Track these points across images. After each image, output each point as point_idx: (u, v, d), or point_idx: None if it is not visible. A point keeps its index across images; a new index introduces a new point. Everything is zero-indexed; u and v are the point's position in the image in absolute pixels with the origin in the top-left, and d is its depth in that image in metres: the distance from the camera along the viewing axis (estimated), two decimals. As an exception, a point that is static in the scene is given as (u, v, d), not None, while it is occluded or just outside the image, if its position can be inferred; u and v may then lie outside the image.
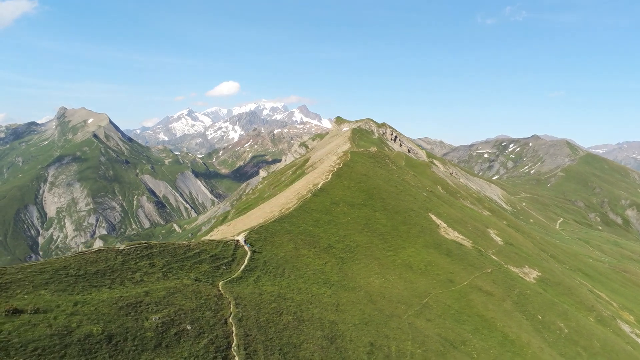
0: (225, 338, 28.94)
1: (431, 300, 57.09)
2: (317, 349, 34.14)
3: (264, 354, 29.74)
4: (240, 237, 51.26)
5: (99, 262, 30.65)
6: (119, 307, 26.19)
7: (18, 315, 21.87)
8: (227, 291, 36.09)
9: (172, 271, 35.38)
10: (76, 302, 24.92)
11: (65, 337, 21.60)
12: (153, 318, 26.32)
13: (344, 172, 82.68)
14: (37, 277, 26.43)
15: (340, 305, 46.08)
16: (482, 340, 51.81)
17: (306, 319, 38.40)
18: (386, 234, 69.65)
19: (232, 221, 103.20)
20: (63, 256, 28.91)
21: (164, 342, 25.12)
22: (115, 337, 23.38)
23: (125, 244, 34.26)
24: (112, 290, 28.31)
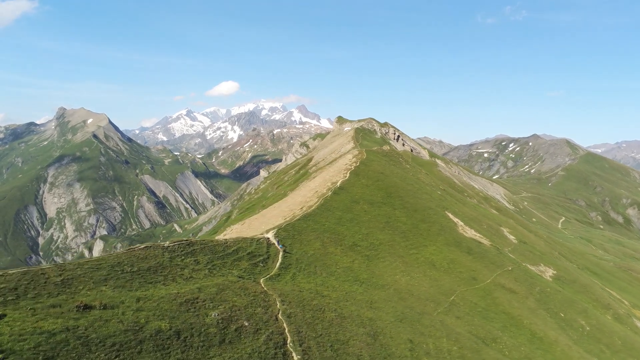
0: (279, 334, 28.81)
1: (457, 298, 57.09)
2: (364, 346, 34.05)
3: (318, 350, 29.62)
4: (270, 234, 51.10)
5: (149, 259, 30.48)
6: (178, 303, 26.03)
7: (89, 311, 21.69)
8: (270, 288, 35.95)
9: (216, 268, 35.22)
10: (138, 298, 24.75)
11: (137, 332, 21.44)
12: (213, 314, 26.17)
13: (362, 170, 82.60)
14: (95, 273, 26.23)
15: (374, 302, 46.00)
16: (512, 338, 51.85)
17: (347, 316, 38.30)
18: (407, 232, 69.62)
19: (246, 220, 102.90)
20: (115, 253, 28.72)
21: (227, 338, 24.97)
22: (182, 333, 23.23)
23: (169, 241, 34.07)
24: (167, 286, 28.14)
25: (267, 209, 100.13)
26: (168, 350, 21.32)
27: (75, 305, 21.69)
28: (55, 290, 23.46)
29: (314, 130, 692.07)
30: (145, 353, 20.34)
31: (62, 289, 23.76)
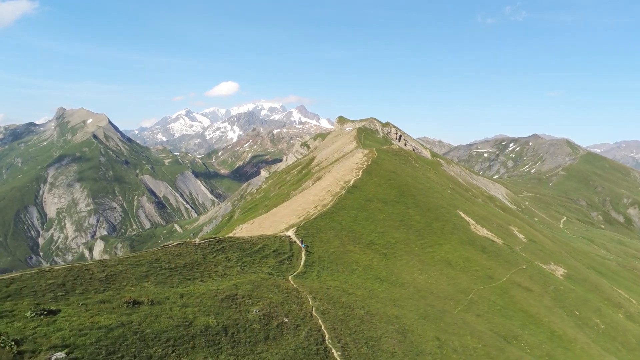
0: (317, 331, 28.76)
1: (475, 296, 57.12)
2: (396, 343, 34.02)
3: (355, 346, 29.58)
4: (290, 232, 51.04)
5: (184, 256, 30.40)
6: (220, 299, 25.97)
7: (138, 307, 21.61)
8: (300, 285, 35.91)
9: (246, 265, 35.16)
10: (181, 294, 24.68)
11: (188, 328, 21.37)
12: (254, 310, 26.11)
13: (373, 169, 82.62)
14: (136, 269, 26.15)
15: (397, 300, 46.00)
16: (532, 336, 51.91)
17: (374, 314, 38.27)
18: (421, 231, 69.64)
19: (255, 219, 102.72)
20: (151, 250, 28.63)
21: (270, 334, 24.91)
22: (229, 329, 23.16)
23: (198, 239, 33.97)
24: (204, 283, 28.08)
25: (277, 208, 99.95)
26: (219, 346, 21.25)
27: (125, 301, 21.60)
28: (101, 286, 23.36)
29: (313, 130, 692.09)
30: (199, 348, 20.26)
31: (107, 284, 23.67)
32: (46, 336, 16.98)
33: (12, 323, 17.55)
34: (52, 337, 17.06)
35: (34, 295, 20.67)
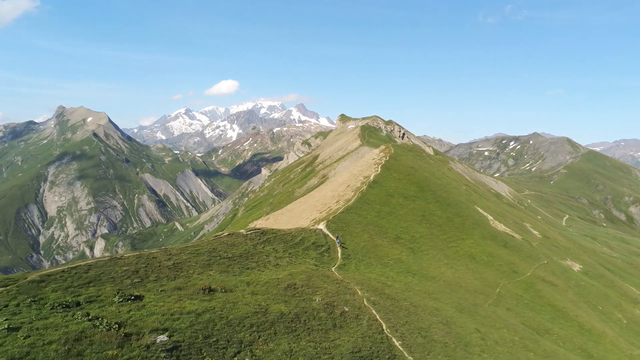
0: (374, 320, 28.68)
1: (502, 290, 57.15)
2: (444, 334, 33.97)
3: (410, 336, 29.52)
4: (322, 226, 50.94)
5: (237, 246, 30.29)
6: (282, 288, 25.87)
7: (213, 294, 21.49)
8: (345, 277, 35.82)
9: (293, 256, 35.08)
10: (247, 282, 24.58)
11: (266, 315, 21.27)
12: (317, 299, 26.02)
13: (392, 164, 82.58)
14: (198, 258, 26.04)
15: (432, 293, 45.97)
16: (563, 329, 51.99)
17: (417, 305, 38.22)
18: (443, 226, 69.63)
19: (270, 215, 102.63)
20: (206, 239, 28.50)
21: (337, 322, 24.83)
22: (300, 316, 23.06)
23: (244, 230, 33.86)
24: (262, 272, 27.97)
25: (292, 205, 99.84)
26: (297, 333, 21.15)
27: (200, 288, 21.46)
28: (171, 273, 23.22)
29: (313, 128, 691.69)
30: (280, 334, 20.17)
31: (176, 272, 23.53)
32: (142, 320, 16.83)
33: (104, 307, 17.41)
34: (147, 320, 16.92)
35: (112, 281, 20.50)
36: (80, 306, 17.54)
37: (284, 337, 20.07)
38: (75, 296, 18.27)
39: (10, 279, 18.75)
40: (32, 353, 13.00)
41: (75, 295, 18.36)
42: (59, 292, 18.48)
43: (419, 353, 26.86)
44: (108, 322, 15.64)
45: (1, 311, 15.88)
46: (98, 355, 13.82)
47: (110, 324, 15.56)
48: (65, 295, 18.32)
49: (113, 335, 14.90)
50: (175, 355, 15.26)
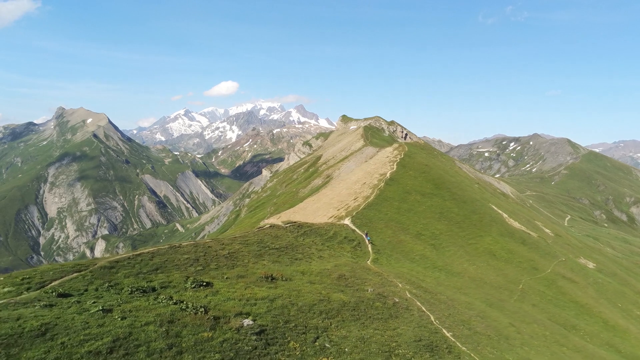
0: (422, 311, 28.52)
1: (525, 286, 57.05)
2: (484, 327, 33.83)
3: (457, 328, 29.36)
4: (347, 221, 50.80)
5: (281, 238, 30.12)
6: (334, 278, 25.70)
7: (275, 282, 21.30)
8: (382, 270, 35.66)
9: (331, 249, 34.94)
10: (302, 272, 24.38)
11: (330, 303, 21.11)
12: (369, 290, 25.83)
13: (407, 162, 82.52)
14: (249, 248, 25.87)
15: (461, 289, 45.85)
16: (588, 325, 51.91)
17: (452, 299, 38.09)
18: (461, 223, 69.55)
19: (281, 213, 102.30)
20: (251, 231, 28.31)
21: (392, 312, 24.64)
22: (359, 305, 22.91)
23: (281, 222, 33.69)
24: (310, 263, 27.82)
25: (304, 203, 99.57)
26: (361, 320, 20.99)
27: (263, 276, 21.26)
28: (228, 262, 23.03)
29: (313, 129, 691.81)
30: (348, 322, 19.99)
31: (233, 261, 23.34)
32: (222, 304, 16.64)
33: (180, 292, 17.20)
34: (227, 305, 16.72)
35: (177, 268, 20.30)
36: (156, 291, 17.34)
37: (352, 325, 19.88)
38: (148, 282, 18.08)
39: (82, 265, 18.52)
40: (134, 333, 12.79)
41: (147, 281, 18.17)
42: (131, 278, 18.29)
43: (469, 344, 26.71)
44: (194, 306, 15.44)
45: (84, 295, 15.68)
46: (195, 337, 13.62)
47: (196, 308, 15.36)
48: (138, 280, 18.13)
49: (202, 318, 14.69)
50: (263, 338, 15.07)
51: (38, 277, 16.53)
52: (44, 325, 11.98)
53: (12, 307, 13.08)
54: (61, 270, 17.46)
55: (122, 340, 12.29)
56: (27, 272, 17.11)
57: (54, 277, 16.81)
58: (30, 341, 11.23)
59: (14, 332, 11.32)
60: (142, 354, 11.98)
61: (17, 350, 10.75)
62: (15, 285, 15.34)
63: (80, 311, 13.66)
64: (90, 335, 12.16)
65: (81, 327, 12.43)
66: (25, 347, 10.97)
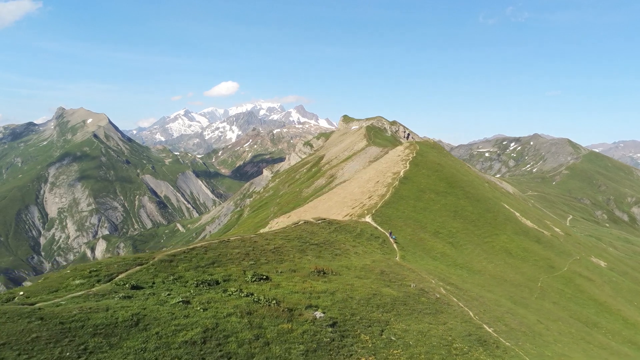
0: (460, 307, 28.44)
1: (544, 284, 57.05)
2: (517, 323, 33.75)
3: (494, 324, 29.29)
4: (368, 219, 50.73)
5: (317, 234, 30.05)
6: (377, 273, 25.62)
7: (326, 276, 21.21)
8: (414, 266, 35.58)
9: (362, 245, 34.84)
10: (346, 267, 24.29)
11: (382, 297, 21.03)
12: (412, 285, 25.75)
13: (420, 161, 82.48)
14: (291, 243, 25.82)
15: (484, 286, 45.79)
16: (609, 323, 51.92)
17: (481, 296, 38.01)
18: (476, 221, 69.53)
19: (291, 212, 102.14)
20: (289, 227, 28.20)
21: (437, 307, 24.56)
22: (408, 300, 22.84)
23: (313, 219, 33.59)
24: (349, 258, 27.73)
25: (315, 202, 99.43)
26: (414, 314, 20.90)
27: (314, 270, 21.16)
28: (276, 257, 22.94)
29: (313, 129, 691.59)
30: (404, 315, 19.91)
31: (280, 256, 23.25)
32: (288, 297, 16.53)
33: (244, 285, 17.08)
34: (293, 298, 16.62)
35: (231, 262, 20.21)
36: (220, 284, 17.24)
37: (408, 318, 19.80)
38: (209, 275, 17.98)
39: (142, 258, 18.40)
40: (220, 324, 12.69)
41: (209, 274, 18.07)
42: (191, 271, 18.18)
43: (511, 340, 26.64)
44: (266, 298, 15.35)
45: (154, 287, 15.56)
46: (276, 328, 13.52)
47: (268, 300, 15.26)
48: (199, 273, 18.03)
49: (277, 310, 14.60)
50: (337, 330, 15.00)
51: (104, 270, 16.40)
52: (135, 316, 11.86)
53: (94, 298, 12.96)
54: (124, 264, 17.33)
55: (212, 331, 12.18)
56: (91, 265, 16.98)
57: (119, 270, 16.68)
58: (126, 331, 11.12)
59: (109, 322, 11.20)
60: (233, 344, 11.86)
61: (116, 340, 10.64)
62: (84, 278, 15.21)
63: (160, 302, 13.54)
64: (181, 325, 12.05)
65: (169, 318, 12.32)
66: (123, 337, 10.85)
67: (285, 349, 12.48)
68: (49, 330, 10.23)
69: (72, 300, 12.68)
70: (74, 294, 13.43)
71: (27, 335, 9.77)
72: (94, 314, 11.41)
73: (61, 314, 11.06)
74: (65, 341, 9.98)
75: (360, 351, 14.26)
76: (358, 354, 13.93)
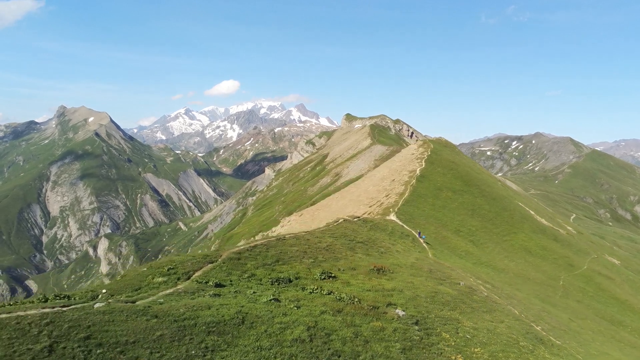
0: (505, 305, 28.32)
1: (565, 283, 57.00)
2: (555, 321, 33.66)
3: (539, 322, 29.19)
4: (392, 217, 50.60)
5: (358, 232, 29.99)
6: (426, 271, 25.48)
7: (384, 274, 21.10)
8: (449, 264, 35.48)
9: (398, 243, 34.69)
10: (398, 264, 24.18)
11: (443, 295, 20.92)
12: (461, 283, 25.61)
13: (435, 159, 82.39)
14: (340, 241, 25.65)
15: (512, 284, 45.71)
16: (634, 322, 51.82)
17: (513, 294, 37.91)
18: (494, 219, 69.44)
19: (303, 211, 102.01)
20: (332, 225, 28.06)
21: (488, 305, 24.41)
22: (464, 298, 22.69)
23: (349, 217, 33.46)
24: (394, 256, 27.57)
25: (327, 200, 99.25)
26: (476, 312, 20.80)
27: (373, 268, 21.04)
28: (330, 254, 22.84)
29: (315, 128, 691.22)
30: (467, 313, 19.79)
31: (333, 254, 23.13)
32: (364, 294, 16.40)
33: (315, 283, 16.94)
34: (368, 296, 16.49)
35: (293, 260, 20.10)
36: (292, 282, 17.11)
37: (472, 316, 19.70)
38: (278, 272, 17.86)
39: (210, 256, 18.24)
40: (319, 322, 12.57)
41: (278, 272, 17.95)
42: (260, 269, 18.06)
43: (560, 339, 26.53)
44: (348, 296, 15.23)
45: (234, 284, 15.41)
46: (369, 326, 13.40)
47: (351, 298, 15.14)
48: (268, 271, 17.90)
49: (362, 308, 14.49)
50: (421, 328, 14.87)
51: (181, 268, 16.25)
52: (239, 314, 11.72)
53: (187, 296, 12.81)
54: (197, 261, 17.19)
55: (313, 329, 12.05)
56: (166, 262, 16.83)
57: (194, 268, 16.53)
58: (235, 329, 10.98)
59: (217, 320, 11.06)
60: (337, 342, 11.74)
61: (230, 338, 10.50)
62: (164, 275, 15.06)
63: (252, 300, 13.41)
64: (284, 323, 11.93)
65: (270, 316, 12.19)
66: (234, 335, 10.71)
67: (385, 347, 12.36)
68: (168, 329, 10.07)
69: (167, 297, 12.51)
70: (164, 291, 13.28)
71: (151, 333, 9.61)
72: (200, 311, 11.26)
73: (171, 312, 10.91)
74: (187, 339, 9.82)
75: (448, 349, 14.14)
76: (446, 352, 13.80)
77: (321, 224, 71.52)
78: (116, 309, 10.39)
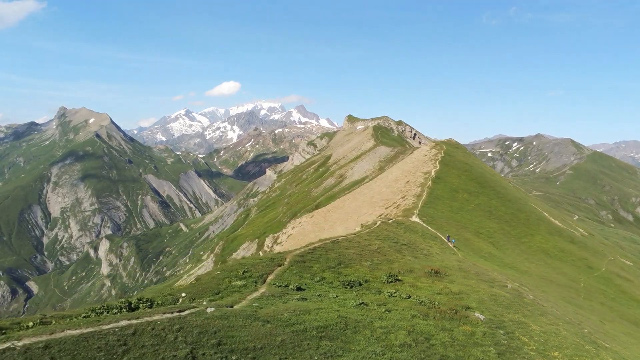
0: (548, 307, 28.15)
1: (586, 285, 56.85)
2: (591, 324, 33.47)
3: (578, 321, 29.01)
4: (415, 218, 50.42)
5: (398, 235, 29.86)
6: (473, 273, 25.27)
7: (441, 277, 20.93)
8: (482, 266, 35.31)
9: (433, 246, 34.48)
10: (448, 267, 23.98)
11: (499, 298, 20.67)
12: (508, 286, 25.41)
13: (448, 160, 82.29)
14: (385, 243, 25.44)
15: (537, 286, 45.51)
16: (657, 324, 51.72)
17: (546, 296, 37.75)
18: (510, 221, 69.35)
19: (314, 212, 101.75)
20: (372, 227, 27.84)
21: (538, 308, 24.22)
22: (517, 300, 22.48)
23: (380, 220, 33.24)
24: (439, 258, 27.37)
25: (338, 201, 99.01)
26: (533, 316, 20.58)
27: (431, 271, 20.85)
28: (382, 257, 22.67)
29: (315, 129, 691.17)
30: (527, 317, 19.59)
31: (385, 256, 22.98)
32: (437, 298, 16.20)
33: (384, 285, 16.74)
34: (443, 299, 16.30)
35: (354, 262, 19.92)
36: (362, 285, 16.93)
37: (533, 319, 19.54)
38: (345, 275, 17.68)
39: (276, 259, 18.03)
40: (416, 327, 12.34)
41: (345, 275, 17.77)
42: (327, 272, 17.87)
43: (609, 343, 26.34)
44: (430, 300, 15.06)
45: (312, 289, 15.20)
46: (459, 330, 13.20)
47: (432, 302, 14.97)
48: (335, 274, 17.72)
49: (445, 312, 14.34)
50: (504, 332, 14.67)
51: (254, 271, 16.03)
52: (340, 318, 11.53)
53: (277, 300, 12.60)
54: (266, 264, 16.99)
55: (414, 334, 11.87)
56: (239, 265, 16.62)
57: (265, 271, 16.32)
58: (342, 333, 10.78)
59: (323, 325, 10.85)
60: (440, 347, 11.56)
61: (341, 343, 10.27)
62: (242, 279, 14.84)
63: (340, 304, 13.22)
64: (384, 327, 11.73)
65: (368, 320, 11.99)
66: (343, 339, 10.51)
67: (482, 352, 12.19)
68: (286, 334, 9.86)
69: (260, 302, 12.29)
70: (250, 295, 13.06)
71: (273, 338, 9.38)
72: (304, 316, 11.05)
73: (277, 316, 10.71)
74: (305, 344, 9.61)
75: (533, 353, 13.96)
76: (531, 356, 13.64)
77: (335, 225, 72.35)
78: (229, 314, 10.15)
